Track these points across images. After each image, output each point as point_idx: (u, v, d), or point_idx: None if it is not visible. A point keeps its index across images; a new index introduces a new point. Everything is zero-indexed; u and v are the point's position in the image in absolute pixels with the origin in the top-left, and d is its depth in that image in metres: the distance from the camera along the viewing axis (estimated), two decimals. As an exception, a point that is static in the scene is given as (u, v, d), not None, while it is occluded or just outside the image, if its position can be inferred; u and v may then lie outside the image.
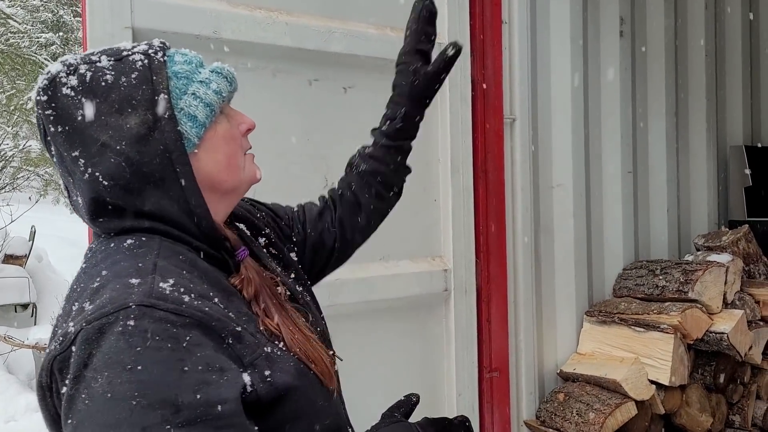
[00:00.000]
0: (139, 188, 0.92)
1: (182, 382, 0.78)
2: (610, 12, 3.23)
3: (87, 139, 0.91)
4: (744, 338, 2.83)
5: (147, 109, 0.92)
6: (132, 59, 0.94)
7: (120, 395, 0.75)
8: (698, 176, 3.68)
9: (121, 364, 0.76)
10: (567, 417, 2.68)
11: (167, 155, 0.92)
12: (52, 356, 0.81)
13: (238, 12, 2.06)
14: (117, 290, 0.82)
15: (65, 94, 0.92)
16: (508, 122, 2.75)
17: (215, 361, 0.81)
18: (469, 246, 2.57)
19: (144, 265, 0.87)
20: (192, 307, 0.83)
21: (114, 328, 0.78)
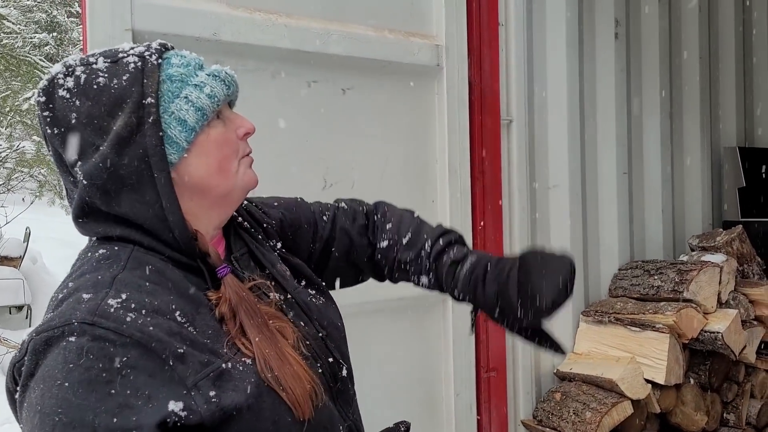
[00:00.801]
0: (116, 190, 0.92)
1: (103, 405, 0.78)
2: (605, 14, 3.26)
3: (83, 142, 0.91)
4: (738, 338, 2.85)
5: (133, 111, 0.91)
6: (126, 61, 0.93)
7: (47, 409, 0.77)
8: (693, 177, 3.71)
9: (54, 379, 0.78)
10: (564, 416, 2.70)
11: (146, 159, 0.91)
12: (12, 362, 0.85)
13: (237, 14, 2.07)
14: (69, 304, 0.84)
15: (61, 96, 0.92)
16: (505, 123, 2.77)
17: (145, 386, 0.80)
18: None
19: (103, 278, 0.87)
20: (133, 327, 0.82)
21: (59, 342, 0.80)
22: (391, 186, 2.44)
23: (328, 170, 2.29)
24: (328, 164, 2.28)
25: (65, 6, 14.92)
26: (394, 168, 2.45)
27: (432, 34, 2.53)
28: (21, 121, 9.02)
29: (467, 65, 2.59)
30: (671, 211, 3.59)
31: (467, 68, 2.59)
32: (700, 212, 3.72)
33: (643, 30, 3.49)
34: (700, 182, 3.71)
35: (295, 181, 2.20)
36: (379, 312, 2.39)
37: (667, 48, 3.58)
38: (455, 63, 2.55)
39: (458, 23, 2.56)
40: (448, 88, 2.53)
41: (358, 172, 2.36)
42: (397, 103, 2.45)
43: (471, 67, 2.61)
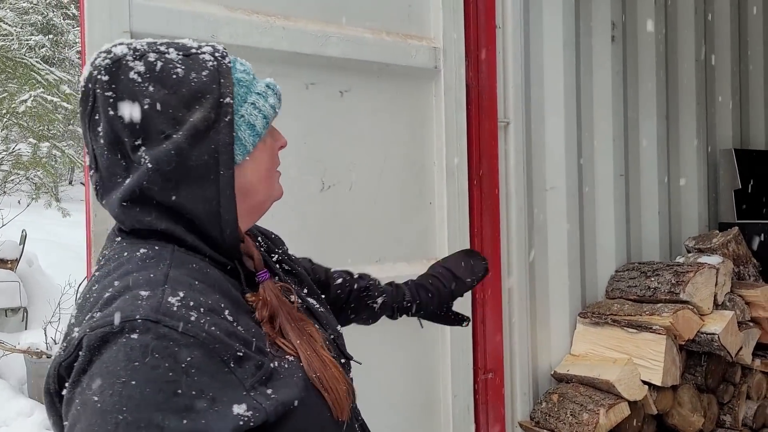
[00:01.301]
0: (178, 180, 0.91)
1: (171, 405, 0.76)
2: (602, 17, 3.27)
3: (150, 128, 0.90)
4: (734, 339, 2.86)
5: (212, 108, 0.92)
6: (201, 58, 0.95)
7: (109, 406, 0.74)
8: (689, 179, 3.72)
9: (116, 376, 0.75)
10: (561, 418, 2.70)
11: (215, 156, 0.92)
12: (57, 362, 0.82)
13: (235, 16, 2.07)
14: (126, 301, 0.82)
15: (131, 78, 0.91)
16: (502, 125, 2.78)
17: (209, 388, 0.80)
18: (463, 248, 2.58)
19: (155, 275, 0.86)
20: (197, 327, 0.81)
21: (117, 339, 0.78)
22: (388, 188, 2.44)
23: (326, 172, 2.29)
24: (326, 166, 2.29)
25: (61, 8, 14.91)
26: (391, 170, 2.45)
27: (429, 36, 2.54)
28: (17, 123, 9.01)
29: (465, 67, 2.59)
30: (668, 212, 3.61)
31: (465, 70, 2.60)
32: (696, 214, 3.73)
33: (639, 33, 3.50)
34: (696, 184, 3.73)
35: (293, 183, 2.20)
36: (377, 314, 2.39)
37: (663, 51, 3.60)
38: (453, 65, 2.56)
39: (456, 26, 2.57)
40: (446, 90, 2.53)
41: (356, 173, 2.37)
42: (394, 105, 2.46)
43: (468, 70, 2.62)
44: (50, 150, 8.86)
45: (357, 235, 2.38)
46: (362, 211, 2.39)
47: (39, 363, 5.15)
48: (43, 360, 5.14)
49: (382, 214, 2.43)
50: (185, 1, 1.99)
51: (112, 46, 0.95)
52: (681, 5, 3.73)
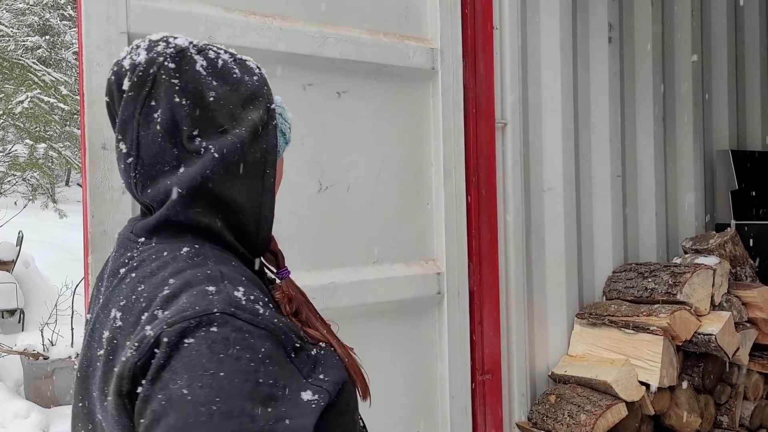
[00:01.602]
0: (236, 173, 0.95)
1: (257, 394, 0.78)
2: (598, 18, 3.28)
3: (210, 121, 0.94)
4: (731, 340, 2.87)
5: (264, 110, 0.99)
6: (249, 65, 1.02)
7: (200, 399, 0.76)
8: (686, 180, 3.73)
9: (202, 369, 0.77)
10: (558, 419, 2.70)
11: (265, 155, 0.98)
12: (132, 362, 0.81)
13: (233, 17, 2.07)
14: (195, 296, 0.83)
15: (197, 70, 0.95)
16: (500, 127, 2.78)
17: (281, 378, 0.82)
18: (461, 249, 2.59)
19: (211, 272, 0.88)
20: (266, 319, 0.84)
21: (196, 333, 0.79)
22: (386, 189, 2.44)
23: (324, 173, 2.29)
24: (323, 167, 2.29)
25: (58, 9, 14.89)
26: (389, 171, 2.45)
27: (427, 37, 2.54)
28: (13, 124, 8.99)
29: (462, 68, 2.60)
30: (665, 213, 3.61)
31: (462, 71, 2.60)
32: (693, 214, 3.74)
33: (636, 34, 3.51)
34: (693, 185, 3.73)
35: (290, 185, 2.20)
36: (374, 315, 2.39)
37: (660, 52, 3.60)
38: (450, 66, 2.56)
39: (453, 27, 2.57)
40: (443, 91, 2.53)
41: (354, 175, 2.37)
42: (392, 106, 2.46)
43: (466, 71, 2.62)
44: (47, 151, 8.85)
45: (355, 236, 2.38)
46: (360, 212, 2.39)
47: (35, 364, 5.14)
48: (39, 362, 5.12)
49: (380, 215, 2.43)
50: (182, 2, 1.99)
51: (168, 37, 0.98)
52: (677, 7, 3.73)
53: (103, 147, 1.83)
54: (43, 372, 5.12)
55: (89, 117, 1.82)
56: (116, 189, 1.85)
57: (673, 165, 3.69)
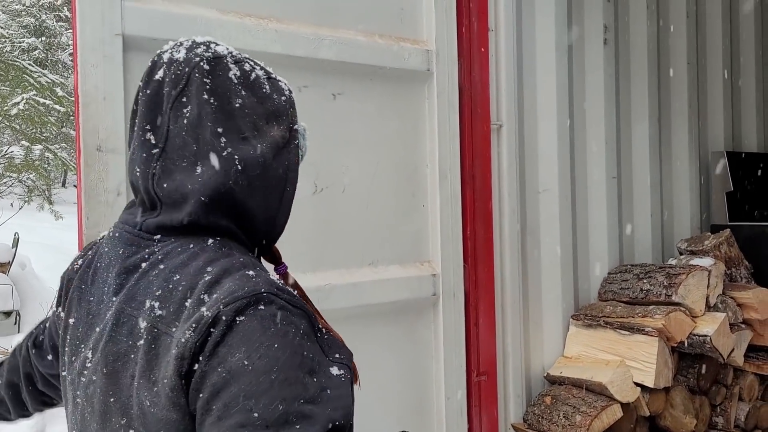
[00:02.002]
0: (257, 186, 1.00)
1: (304, 365, 0.86)
2: (594, 20, 3.28)
3: (233, 125, 0.99)
4: (726, 341, 2.87)
5: (286, 129, 1.04)
6: (280, 85, 1.07)
7: (260, 368, 0.83)
8: (681, 181, 3.74)
9: (257, 342, 0.84)
10: (554, 420, 2.71)
11: (286, 173, 1.03)
12: (192, 343, 0.86)
13: (228, 19, 2.08)
14: (241, 280, 0.90)
15: (230, 77, 1.00)
16: (495, 128, 2.78)
17: (315, 353, 0.89)
18: (457, 251, 2.59)
19: (244, 260, 0.96)
20: (299, 300, 0.93)
21: (247, 311, 0.86)
22: (381, 190, 2.44)
23: (319, 175, 2.29)
24: (318, 169, 2.29)
25: (54, 11, 14.86)
26: (384, 172, 2.46)
27: (422, 39, 2.55)
28: (9, 126, 8.98)
29: (457, 70, 2.60)
30: (660, 215, 3.62)
31: (457, 73, 2.60)
32: (689, 216, 3.75)
33: (632, 36, 3.51)
34: (688, 186, 3.74)
35: (285, 186, 2.21)
36: (370, 316, 2.40)
37: (655, 54, 3.61)
38: (445, 68, 2.56)
39: (448, 28, 2.58)
40: (439, 93, 2.54)
41: (349, 176, 2.37)
42: (387, 108, 2.46)
43: (461, 72, 2.62)
44: (43, 153, 8.83)
45: (350, 237, 2.38)
46: (355, 213, 2.39)
47: (31, 366, 5.13)
48: (35, 363, 5.12)
49: (375, 216, 2.43)
50: (177, 4, 1.99)
51: (211, 42, 1.04)
52: (673, 9, 3.74)
53: (98, 149, 1.83)
54: None
55: (84, 118, 1.81)
56: (111, 191, 1.85)
57: (668, 166, 3.70)
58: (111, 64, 1.84)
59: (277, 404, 0.81)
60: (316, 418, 0.83)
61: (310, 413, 0.83)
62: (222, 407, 0.82)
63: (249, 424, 0.80)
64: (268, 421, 0.81)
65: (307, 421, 0.82)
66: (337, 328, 1.27)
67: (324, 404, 0.85)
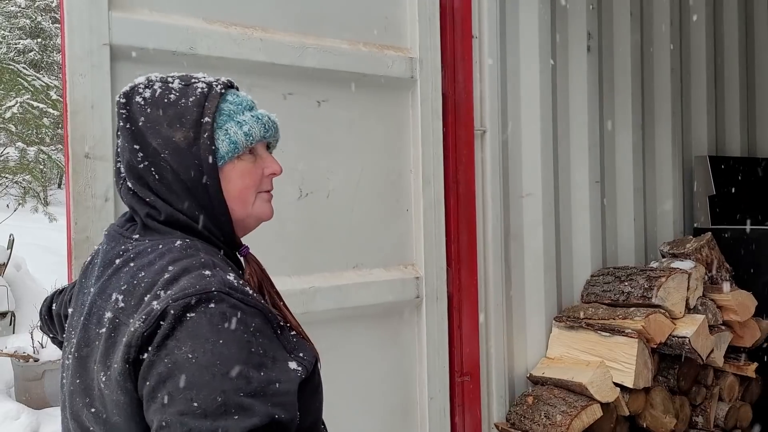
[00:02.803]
0: (178, 191, 1.09)
1: (250, 360, 0.92)
2: (577, 27, 3.33)
3: (144, 139, 1.09)
4: (705, 342, 2.93)
5: (191, 127, 1.09)
6: (196, 86, 1.13)
7: (204, 362, 0.90)
8: (664, 185, 3.79)
9: (203, 337, 0.91)
10: (535, 419, 2.76)
11: (200, 168, 1.08)
12: (139, 332, 0.94)
13: (213, 29, 2.13)
14: (195, 278, 0.97)
15: (137, 101, 1.12)
16: (479, 134, 2.83)
17: (270, 349, 0.97)
18: (440, 254, 2.65)
19: (205, 260, 1.02)
20: (255, 299, 1.00)
21: (197, 308, 0.93)
22: (365, 195, 2.50)
23: (304, 180, 2.35)
24: (303, 175, 2.34)
25: (50, 12, 14.89)
26: (368, 178, 2.51)
27: (406, 47, 2.60)
28: (5, 128, 9.01)
29: (441, 77, 2.65)
30: (643, 218, 3.67)
31: (441, 80, 2.66)
32: (672, 219, 3.80)
33: (615, 43, 3.57)
34: (671, 190, 3.80)
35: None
36: (354, 318, 2.45)
37: (639, 60, 3.66)
38: (429, 75, 2.61)
39: (432, 36, 2.63)
40: (422, 100, 2.59)
41: (334, 182, 2.42)
42: (371, 115, 2.51)
43: (445, 79, 2.68)
44: (37, 155, 8.87)
45: (335, 241, 2.44)
46: (340, 218, 2.45)
47: (26, 366, 5.17)
48: (30, 364, 5.15)
49: (360, 221, 2.48)
50: (164, 14, 2.04)
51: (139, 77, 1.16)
52: (656, 16, 3.80)
53: (86, 156, 1.88)
54: (34, 374, 5.15)
55: (72, 126, 1.86)
56: (99, 197, 1.90)
57: (651, 171, 3.75)
58: (99, 73, 1.89)
59: (216, 396, 0.88)
60: (254, 411, 0.89)
61: (250, 406, 0.89)
62: (166, 395, 0.89)
63: (189, 413, 0.87)
64: (206, 411, 0.87)
65: (246, 413, 0.88)
66: (321, 330, 1.34)
67: (267, 398, 0.91)
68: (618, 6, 3.57)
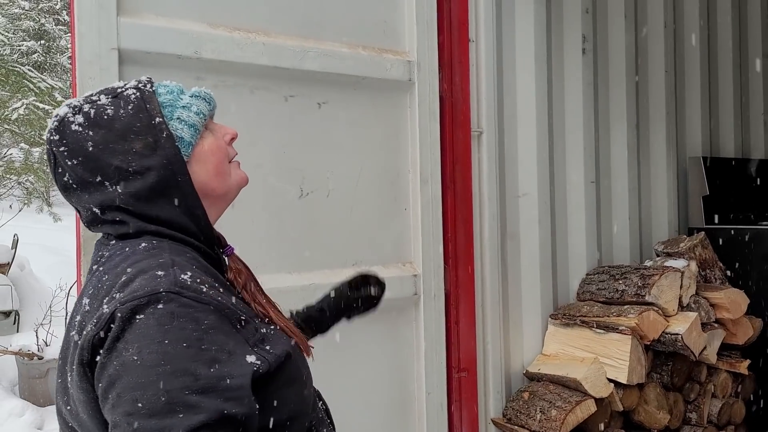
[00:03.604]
0: (148, 197, 1.08)
1: (200, 357, 0.93)
2: (573, 30, 3.40)
3: (102, 164, 1.07)
4: (698, 339, 2.99)
5: (147, 133, 1.09)
6: (126, 94, 1.12)
7: (149, 362, 0.91)
8: (659, 186, 3.85)
9: (150, 338, 0.92)
10: (531, 414, 2.83)
11: (170, 168, 1.09)
12: (90, 335, 0.96)
13: (217, 33, 2.19)
14: (146, 280, 0.98)
15: (74, 130, 1.08)
16: (476, 135, 2.90)
17: (225, 344, 0.97)
18: (437, 253, 2.71)
19: (163, 260, 1.03)
20: (209, 296, 1.00)
21: (145, 310, 0.94)
22: (364, 194, 2.56)
23: (305, 180, 2.41)
24: (304, 174, 2.41)
25: (53, 14, 14.99)
26: (367, 178, 2.57)
27: (404, 50, 2.67)
28: (9, 129, 9.09)
29: (438, 80, 2.72)
30: (638, 218, 3.73)
31: (438, 83, 2.72)
32: (666, 219, 3.86)
33: (610, 45, 3.63)
34: (666, 191, 3.86)
35: (272, 190, 2.33)
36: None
37: (633, 62, 3.73)
38: (427, 78, 2.68)
39: (429, 40, 2.70)
40: (420, 102, 2.66)
41: (333, 181, 2.49)
42: (370, 116, 2.58)
43: (442, 82, 2.74)
44: (42, 155, 8.94)
45: (334, 239, 2.50)
46: (339, 217, 2.51)
47: (30, 364, 5.24)
48: (34, 362, 5.22)
49: (359, 219, 2.55)
50: (169, 20, 2.11)
51: (59, 108, 1.13)
52: (651, 19, 3.86)
53: (94, 156, 1.94)
54: (38, 372, 5.22)
55: (81, 128, 1.93)
56: (106, 195, 1.96)
57: (646, 171, 3.81)
58: (107, 76, 1.95)
59: (160, 396, 0.89)
60: (202, 408, 0.90)
61: (197, 403, 0.90)
62: (115, 397, 0.92)
63: (135, 413, 0.89)
64: (152, 411, 0.89)
65: (192, 410, 0.89)
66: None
67: (218, 393, 0.92)
68: (612, 9, 3.64)
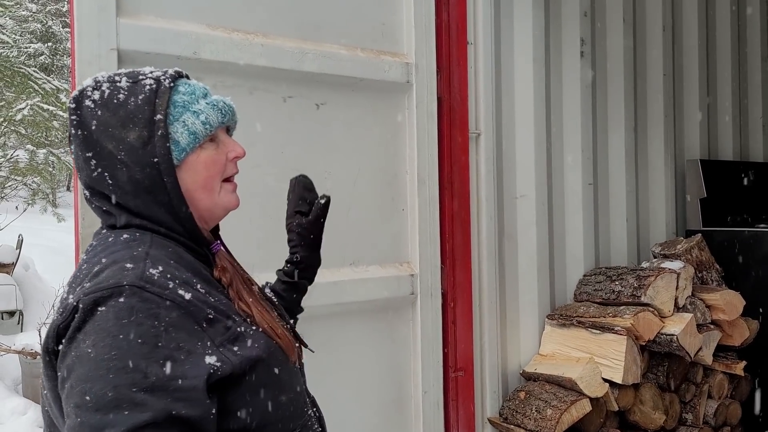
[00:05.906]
0: (134, 191, 1.09)
1: (153, 355, 0.93)
2: (571, 33, 3.42)
3: (97, 144, 1.10)
4: (693, 340, 3.01)
5: (144, 126, 1.09)
6: (144, 83, 1.13)
7: (101, 355, 0.91)
8: (656, 188, 3.87)
9: (107, 331, 0.93)
10: (527, 414, 2.85)
11: (157, 167, 1.09)
12: (55, 324, 0.98)
13: (216, 34, 2.22)
14: (114, 272, 0.99)
15: (87, 105, 1.11)
16: (473, 136, 2.92)
17: (185, 343, 0.96)
18: (435, 253, 2.73)
19: (137, 253, 1.03)
20: (174, 293, 0.99)
21: (107, 302, 0.95)
22: (362, 195, 2.59)
23: (303, 180, 2.43)
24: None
25: (60, 17, 15.09)
26: (365, 178, 2.60)
27: (402, 52, 2.69)
28: (15, 130, 9.16)
29: (436, 82, 2.74)
30: (635, 220, 3.75)
31: (436, 85, 2.74)
32: (664, 221, 3.88)
33: (608, 48, 3.65)
34: (663, 193, 3.87)
35: (271, 191, 2.34)
36: (350, 314, 2.53)
37: (631, 65, 3.75)
38: (424, 80, 2.71)
39: (428, 42, 2.72)
40: (418, 104, 2.68)
41: (332, 181, 2.51)
42: (368, 118, 2.61)
43: (440, 84, 2.77)
44: (47, 157, 9.01)
45: (332, 239, 2.50)
46: (337, 216, 2.51)
47: (33, 363, 5.28)
48: (37, 360, 5.26)
49: (357, 219, 2.57)
50: (169, 21, 2.14)
51: (87, 79, 1.15)
52: (649, 22, 3.88)
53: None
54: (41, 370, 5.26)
55: (81, 127, 1.96)
56: (106, 193, 1.99)
57: (644, 174, 3.83)
58: (107, 77, 1.99)
59: (107, 390, 0.89)
60: (148, 406, 0.89)
61: (143, 401, 0.89)
62: (69, 388, 0.93)
63: (82, 405, 0.90)
64: (97, 405, 0.89)
65: (138, 408, 0.89)
66: (318, 325, 1.42)
67: (168, 393, 0.91)
68: (611, 12, 3.66)
